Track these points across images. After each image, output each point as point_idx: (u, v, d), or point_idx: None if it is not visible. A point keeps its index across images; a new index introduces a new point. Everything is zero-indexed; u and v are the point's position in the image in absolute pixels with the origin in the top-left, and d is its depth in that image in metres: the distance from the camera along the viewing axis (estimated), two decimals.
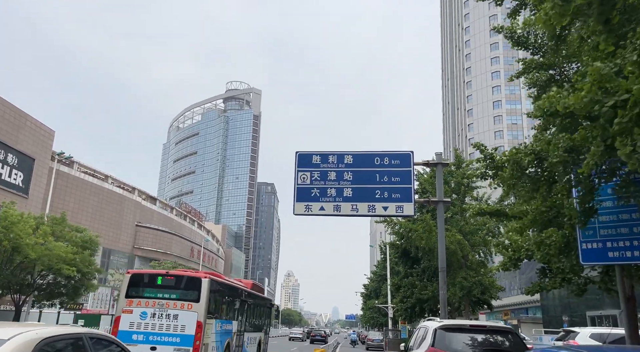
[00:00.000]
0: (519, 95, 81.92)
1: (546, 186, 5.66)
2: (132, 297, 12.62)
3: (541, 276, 8.42)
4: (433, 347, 6.17)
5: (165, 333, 12.03)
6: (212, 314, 12.97)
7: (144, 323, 12.19)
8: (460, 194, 17.64)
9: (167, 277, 13.05)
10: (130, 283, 12.90)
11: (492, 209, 8.92)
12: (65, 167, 62.67)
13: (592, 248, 5.97)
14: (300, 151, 17.42)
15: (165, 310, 12.23)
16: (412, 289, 20.70)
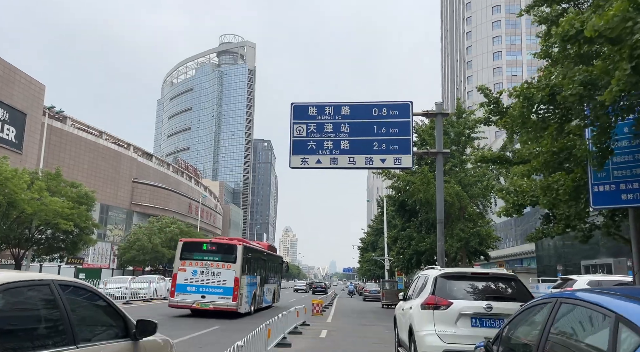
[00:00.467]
0: (520, 46, 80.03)
1: (557, 125, 5.34)
2: (185, 259, 16.44)
3: (545, 222, 8.26)
4: (433, 295, 6.00)
5: (211, 286, 16.07)
6: (244, 272, 16.78)
7: (195, 278, 16.12)
8: (460, 145, 17.32)
9: (210, 244, 17.04)
10: (183, 249, 16.77)
11: (495, 155, 8.63)
12: (58, 123, 61.81)
13: (604, 191, 5.72)
14: (295, 103, 16.92)
15: (210, 269, 16.21)
16: (410, 242, 20.82)
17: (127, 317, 3.21)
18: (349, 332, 12.43)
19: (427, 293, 6.16)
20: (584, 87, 4.32)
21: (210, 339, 10.14)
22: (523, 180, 6.84)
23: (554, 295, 2.65)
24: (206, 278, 16.13)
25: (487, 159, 8.56)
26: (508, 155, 8.54)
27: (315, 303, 17.84)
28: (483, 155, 8.60)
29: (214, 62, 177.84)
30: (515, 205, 7.36)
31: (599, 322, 2.05)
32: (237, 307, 15.90)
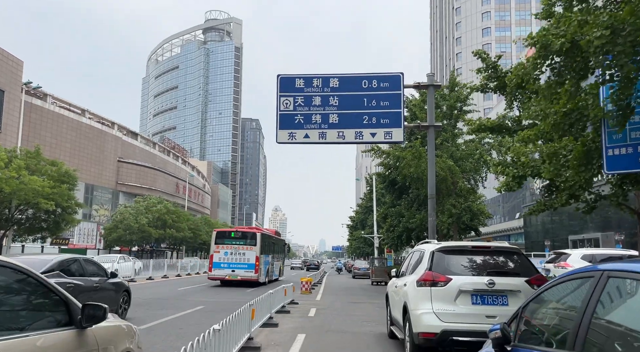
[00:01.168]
0: (509, 22, 79.20)
1: (575, 80, 4.83)
2: (218, 244, 21.72)
3: (546, 193, 7.84)
4: (430, 271, 5.54)
5: (238, 263, 21.29)
6: (262, 252, 21.83)
7: (226, 257, 21.35)
8: (452, 118, 16.82)
9: (237, 232, 22.37)
10: (216, 236, 22.31)
11: (494, 123, 8.11)
12: (38, 101, 59.94)
13: (620, 154, 5.24)
14: (282, 74, 16.26)
15: (237, 250, 21.45)
16: (400, 218, 20.49)
17: (71, 301, 2.65)
18: (339, 311, 12.07)
19: (423, 269, 5.69)
20: (610, 32, 3.80)
21: (195, 319, 9.70)
22: (527, 147, 6.34)
23: (595, 268, 2.17)
24: (234, 257, 21.41)
25: (485, 127, 8.04)
26: (507, 123, 8.04)
27: (304, 281, 17.49)
28: (481, 123, 8.07)
29: (200, 39, 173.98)
30: (515, 177, 6.89)
31: None
32: (258, 278, 21.14)
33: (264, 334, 7.75)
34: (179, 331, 8.02)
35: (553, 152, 5.16)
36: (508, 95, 7.45)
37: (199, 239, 63.79)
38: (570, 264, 10.43)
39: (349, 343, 7.29)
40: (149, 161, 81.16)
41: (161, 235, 52.34)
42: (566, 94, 4.79)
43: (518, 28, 79.27)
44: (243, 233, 22.33)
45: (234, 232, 22.38)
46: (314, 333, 8.07)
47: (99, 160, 69.48)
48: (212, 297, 15.06)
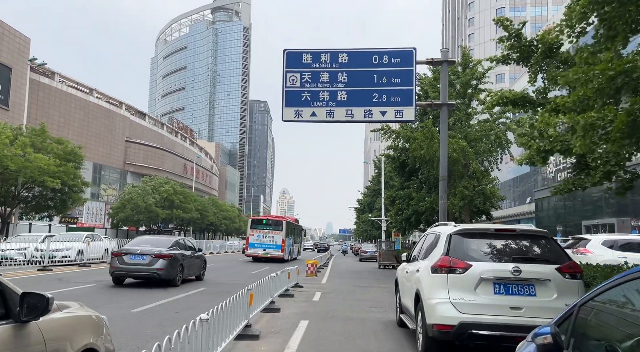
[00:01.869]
0: (524, 2, 76.92)
1: (624, 33, 4.19)
2: (253, 229, 27.32)
3: (576, 171, 7.19)
4: (447, 256, 4.96)
5: (268, 243, 26.63)
6: (286, 236, 27.37)
7: (259, 239, 26.76)
8: (466, 97, 16.06)
9: (267, 220, 28.49)
10: (251, 222, 28.49)
11: (517, 95, 7.37)
12: (46, 79, 59.63)
13: None
14: (288, 49, 15.52)
15: (267, 234, 26.90)
16: (409, 201, 19.89)
17: (8, 289, 2.11)
18: (345, 295, 11.61)
19: (439, 253, 5.13)
20: None
21: (195, 302, 9.29)
22: (558, 117, 5.68)
23: None
24: (265, 239, 26.89)
25: (507, 100, 7.34)
26: (531, 96, 7.33)
27: (310, 264, 17.06)
28: (502, 95, 7.36)
29: (208, 19, 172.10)
30: (540, 151, 6.26)
31: None
32: (283, 256, 26.67)
33: (265, 320, 7.28)
34: (175, 315, 7.59)
35: (590, 123, 4.53)
36: (533, 66, 6.79)
37: (206, 220, 63.79)
38: (590, 250, 9.82)
39: (354, 331, 6.80)
40: (156, 142, 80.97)
41: (168, 215, 52.29)
42: (614, 51, 4.17)
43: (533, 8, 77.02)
44: (273, 220, 29.00)
45: (265, 219, 29.34)
46: (318, 319, 7.60)
47: (107, 139, 69.38)
48: (213, 279, 14.69)
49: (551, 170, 36.22)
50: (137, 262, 11.73)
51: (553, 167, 35.73)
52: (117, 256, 11.92)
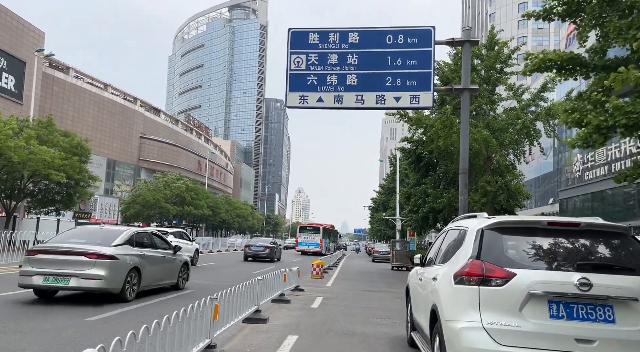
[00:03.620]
0: None
1: None
2: (300, 232, 41.47)
3: None
4: (479, 259, 3.52)
5: (311, 242, 39.69)
6: (323, 237, 40.21)
7: (305, 239, 40.14)
8: (490, 83, 14.49)
9: (310, 226, 42.31)
10: (299, 228, 43.44)
11: (565, 56, 5.81)
12: (60, 73, 59.52)
13: None
14: (293, 28, 14.18)
15: (310, 236, 39.96)
16: (425, 198, 18.37)
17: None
18: (349, 301, 10.19)
19: (465, 256, 3.68)
20: None
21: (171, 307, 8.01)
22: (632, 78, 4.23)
23: None
24: (309, 239, 39.49)
25: (551, 63, 5.82)
26: (584, 57, 5.83)
27: (315, 264, 15.69)
28: (545, 57, 5.83)
29: (225, 17, 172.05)
30: (601, 128, 4.77)
31: None
32: (322, 251, 37.56)
33: (242, 335, 5.89)
34: (139, 324, 6.27)
35: None
36: (585, 20, 5.34)
37: (218, 217, 62.94)
38: None
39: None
40: (171, 138, 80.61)
41: (179, 212, 51.49)
42: None
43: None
44: (313, 227, 42.03)
45: (308, 226, 43.01)
46: (310, 335, 6.17)
47: (121, 135, 69.14)
48: (206, 279, 13.43)
49: (577, 169, 34.16)
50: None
51: (580, 166, 33.68)
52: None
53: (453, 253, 3.98)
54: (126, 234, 9.04)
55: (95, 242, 8.49)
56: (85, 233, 9.47)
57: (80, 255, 8.03)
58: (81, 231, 10.12)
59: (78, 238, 8.85)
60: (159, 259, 9.64)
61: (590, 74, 5.82)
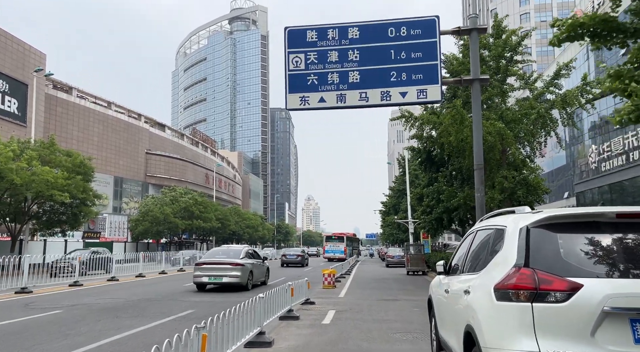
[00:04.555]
0: None
1: None
2: (326, 241, 48.07)
3: None
4: (528, 267, 2.72)
5: (336, 249, 45.07)
6: (347, 245, 46.41)
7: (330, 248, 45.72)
8: (500, 73, 13.68)
9: (335, 236, 48.02)
10: (325, 238, 50.38)
11: (599, 19, 4.95)
12: (63, 94, 59.59)
13: None
14: (290, 27, 13.52)
15: (335, 244, 45.90)
16: (439, 197, 17.50)
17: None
18: (364, 313, 9.35)
19: (507, 263, 2.86)
20: None
21: (162, 335, 7.25)
22: None
23: None
24: (334, 248, 44.66)
25: (583, 29, 4.99)
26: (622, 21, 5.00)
27: (327, 273, 14.88)
28: (574, 22, 5.01)
29: (226, 30, 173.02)
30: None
31: None
32: (345, 258, 37.96)
33: None
34: None
35: None
36: None
37: (228, 229, 62.31)
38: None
39: None
40: (177, 153, 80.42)
41: (188, 226, 50.91)
42: None
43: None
44: (337, 236, 47.74)
45: (333, 236, 48.33)
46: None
47: (127, 152, 69.05)
48: (211, 297, 12.68)
49: (593, 160, 33.04)
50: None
51: (595, 157, 32.57)
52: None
53: (488, 259, 3.18)
54: (244, 251, 15.82)
55: (230, 256, 14.97)
56: (222, 252, 16.03)
57: (226, 264, 14.51)
58: (219, 250, 16.57)
59: (220, 255, 15.35)
60: (258, 265, 16.11)
61: (629, 42, 5.02)
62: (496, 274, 2.88)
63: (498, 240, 3.16)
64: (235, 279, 14.20)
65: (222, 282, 14.25)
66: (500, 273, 2.83)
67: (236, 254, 15.10)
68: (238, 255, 15.01)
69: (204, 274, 14.42)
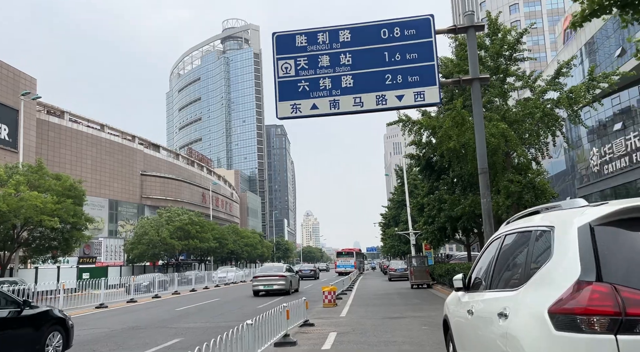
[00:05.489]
0: None
1: None
2: (338, 257, 55.66)
3: None
4: (602, 282, 1.93)
5: (348, 264, 50.04)
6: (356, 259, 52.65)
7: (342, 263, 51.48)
8: (499, 72, 13.06)
9: (345, 251, 54.96)
10: (337, 253, 57.98)
11: None
12: (55, 118, 59.04)
13: None
14: (278, 32, 12.91)
15: (346, 259, 51.91)
16: (441, 205, 16.73)
17: None
18: (369, 334, 8.50)
19: (565, 276, 2.09)
20: None
21: None
22: None
23: None
24: (345, 262, 50.44)
25: None
26: None
27: (327, 291, 13.99)
28: None
29: (219, 49, 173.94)
30: None
31: None
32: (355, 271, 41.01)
33: None
34: None
35: None
36: None
37: (226, 248, 61.16)
38: None
39: None
40: (173, 173, 79.67)
41: (185, 246, 49.82)
42: None
43: None
44: (347, 252, 53.46)
45: (343, 251, 54.28)
46: None
47: (122, 174, 68.28)
48: (204, 322, 11.79)
49: (595, 163, 32.44)
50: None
51: (597, 160, 31.98)
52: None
53: (530, 271, 2.39)
54: (285, 267, 22.62)
55: (276, 270, 21.50)
56: (269, 268, 22.70)
57: (275, 276, 20.54)
58: (267, 266, 23.50)
59: (269, 270, 21.83)
60: (293, 276, 22.09)
61: None
62: (549, 292, 2.09)
63: (542, 245, 2.39)
64: (281, 286, 20.33)
65: (272, 289, 20.35)
66: (556, 290, 2.05)
67: (280, 269, 22.00)
68: (281, 269, 21.87)
69: (260, 283, 20.76)
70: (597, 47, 34.04)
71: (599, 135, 33.66)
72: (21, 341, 6.36)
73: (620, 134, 29.76)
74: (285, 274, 20.80)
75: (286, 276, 20.58)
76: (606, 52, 32.55)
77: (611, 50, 31.24)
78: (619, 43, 30.39)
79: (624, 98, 30.63)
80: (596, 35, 33.66)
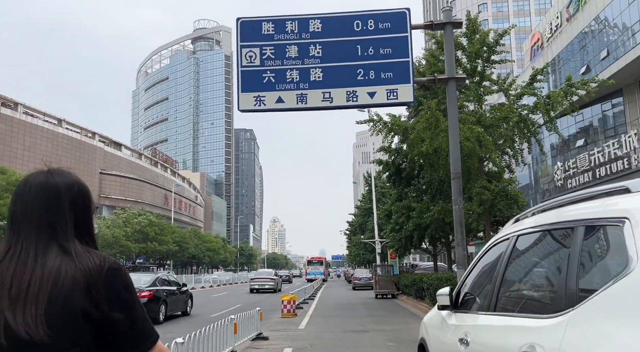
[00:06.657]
0: None
1: None
2: (308, 265, 56.83)
3: None
4: None
5: (317, 272, 50.55)
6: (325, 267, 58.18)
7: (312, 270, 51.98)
8: (476, 75, 12.53)
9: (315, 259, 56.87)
10: (307, 262, 58.89)
11: None
12: (8, 110, 55.78)
13: None
14: (243, 18, 11.92)
15: (316, 267, 53.32)
16: (409, 213, 16.06)
17: None
18: (328, 351, 7.56)
19: None
20: None
21: None
22: None
23: None
24: (315, 269, 51.37)
25: None
26: None
27: (286, 300, 12.98)
28: None
29: (189, 49, 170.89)
30: None
31: None
32: (325, 278, 50.95)
33: None
34: None
35: None
36: None
37: (186, 252, 59.05)
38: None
39: None
40: (135, 173, 76.83)
41: (142, 249, 47.65)
42: None
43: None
44: (317, 260, 55.42)
45: (313, 259, 55.80)
46: None
47: (79, 172, 62.02)
48: None
49: (559, 177, 32.77)
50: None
51: (561, 174, 32.31)
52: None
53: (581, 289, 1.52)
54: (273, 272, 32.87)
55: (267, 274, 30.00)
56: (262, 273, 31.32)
57: (267, 278, 28.74)
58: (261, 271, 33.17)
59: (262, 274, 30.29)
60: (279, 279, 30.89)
61: None
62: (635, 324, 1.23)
63: (600, 247, 1.53)
64: (271, 286, 27.83)
65: (264, 288, 27.65)
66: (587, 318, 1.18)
67: (270, 274, 30.21)
68: (271, 274, 30.09)
69: (255, 283, 28.26)
70: (562, 65, 34.62)
71: (561, 151, 34.17)
72: (181, 302, 14.38)
73: (583, 150, 30.21)
74: (274, 277, 29.29)
75: (275, 279, 28.89)
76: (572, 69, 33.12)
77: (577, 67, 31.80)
78: (584, 61, 30.95)
79: (586, 115, 31.23)
80: (562, 52, 34.26)
